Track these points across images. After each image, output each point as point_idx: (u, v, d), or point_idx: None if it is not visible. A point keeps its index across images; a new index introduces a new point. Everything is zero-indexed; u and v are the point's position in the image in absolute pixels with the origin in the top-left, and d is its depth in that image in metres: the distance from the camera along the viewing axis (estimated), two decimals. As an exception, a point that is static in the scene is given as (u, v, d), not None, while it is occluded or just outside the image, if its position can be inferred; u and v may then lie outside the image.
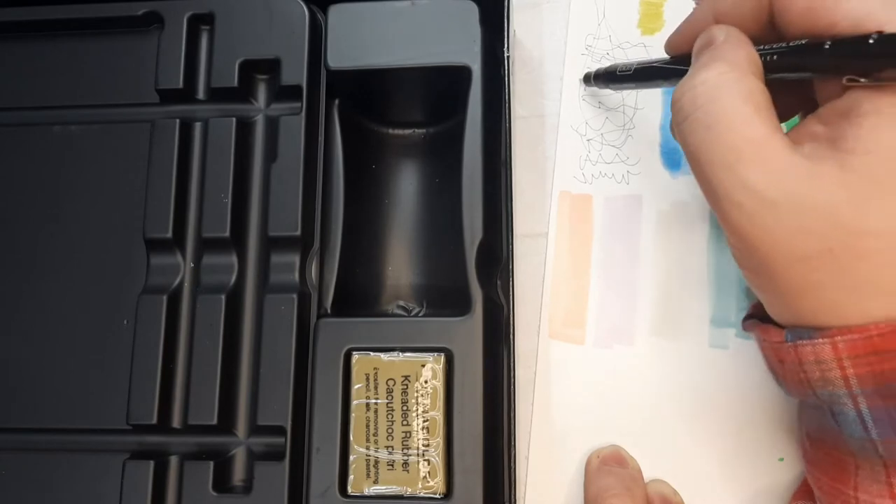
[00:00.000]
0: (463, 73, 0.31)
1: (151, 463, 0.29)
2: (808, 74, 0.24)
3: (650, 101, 0.35)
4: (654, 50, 0.35)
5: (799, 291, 0.23)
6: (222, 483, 0.29)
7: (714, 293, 0.33)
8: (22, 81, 0.34)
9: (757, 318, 0.27)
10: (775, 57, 0.24)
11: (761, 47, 0.24)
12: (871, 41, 0.21)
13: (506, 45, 0.31)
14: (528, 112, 0.35)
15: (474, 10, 0.31)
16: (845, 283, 0.22)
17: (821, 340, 0.23)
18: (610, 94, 0.35)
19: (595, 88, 0.34)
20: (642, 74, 0.30)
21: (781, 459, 0.31)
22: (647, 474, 0.31)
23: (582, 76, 0.35)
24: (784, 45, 0.24)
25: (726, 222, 0.24)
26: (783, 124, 0.24)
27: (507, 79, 0.31)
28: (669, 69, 0.28)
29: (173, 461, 0.29)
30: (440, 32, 0.31)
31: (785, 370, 0.25)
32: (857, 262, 0.22)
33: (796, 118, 0.28)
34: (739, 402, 0.31)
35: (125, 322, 0.31)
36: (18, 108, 0.34)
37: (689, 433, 0.32)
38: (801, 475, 0.31)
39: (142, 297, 0.31)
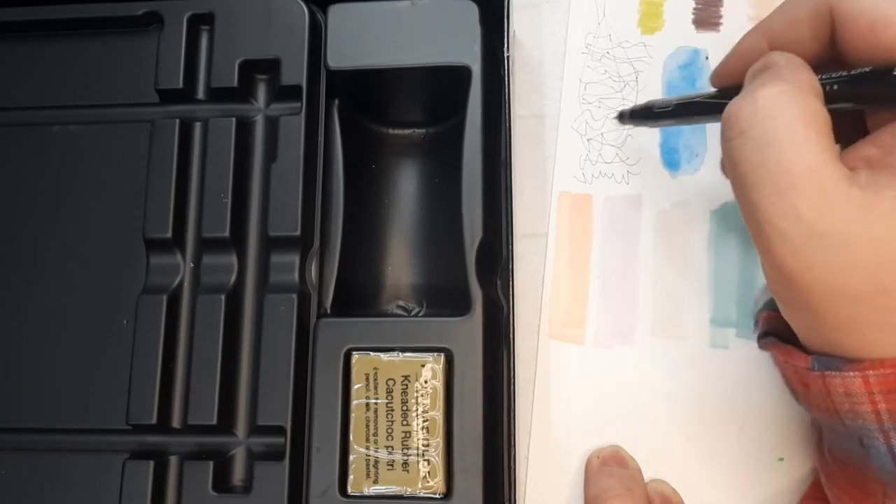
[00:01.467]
0: (463, 73, 0.31)
1: (151, 463, 0.29)
2: (870, 105, 0.23)
3: (650, 101, 0.35)
4: (654, 49, 0.35)
5: (842, 328, 0.22)
6: (222, 483, 0.29)
7: (714, 293, 0.33)
8: (22, 81, 0.34)
9: (774, 335, 0.26)
10: (836, 87, 0.22)
11: (820, 77, 0.23)
12: None
13: (506, 45, 0.31)
14: (528, 112, 0.35)
15: (474, 10, 0.31)
16: (892, 322, 0.21)
17: (851, 374, 0.21)
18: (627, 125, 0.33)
19: (631, 126, 0.33)
20: (684, 110, 0.28)
21: (781, 459, 0.31)
22: (647, 474, 0.31)
23: (616, 115, 0.33)
24: (844, 73, 0.22)
25: (767, 252, 0.22)
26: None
27: (507, 79, 0.31)
28: (715, 104, 0.25)
29: (173, 461, 0.29)
30: (440, 32, 0.31)
31: (809, 395, 0.24)
32: None
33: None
34: (739, 402, 0.31)
35: (125, 322, 0.31)
36: (18, 108, 0.34)
37: (689, 433, 0.31)
38: (802, 476, 0.31)
39: (142, 297, 0.31)
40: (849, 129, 0.25)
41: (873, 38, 0.22)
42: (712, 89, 0.28)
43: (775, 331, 0.26)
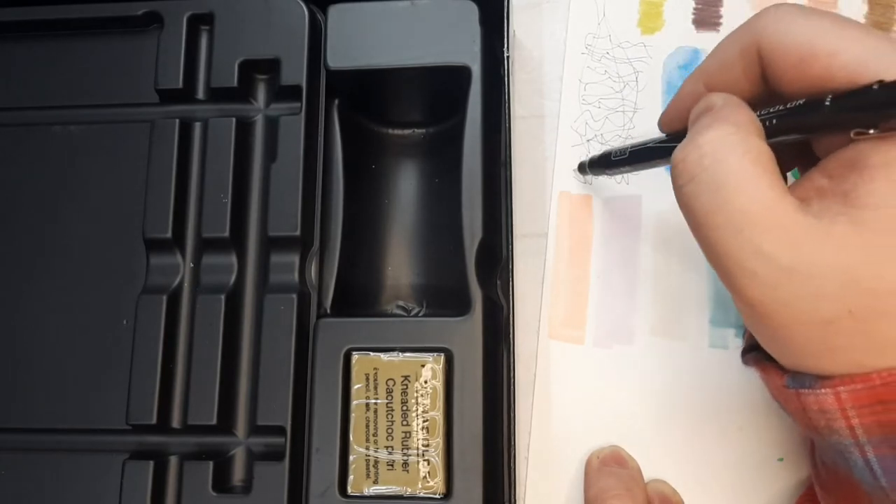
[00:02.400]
0: (463, 73, 0.31)
1: (151, 463, 0.29)
2: (809, 135, 0.23)
3: (650, 102, 0.35)
4: (654, 49, 0.35)
5: (816, 353, 0.22)
6: (222, 483, 0.29)
7: (714, 293, 0.33)
8: (22, 81, 0.34)
9: (757, 350, 0.26)
10: (775, 121, 0.23)
11: (759, 113, 0.23)
12: (874, 88, 0.20)
13: (506, 45, 0.31)
14: (528, 112, 0.35)
15: (474, 10, 0.31)
16: (867, 345, 0.21)
17: (823, 391, 0.22)
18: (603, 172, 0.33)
19: (591, 176, 0.33)
20: (639, 156, 0.28)
21: (781, 459, 0.31)
22: (647, 474, 0.31)
23: (576, 167, 0.34)
24: (781, 107, 0.23)
25: (736, 291, 0.22)
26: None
27: (506, 79, 0.31)
28: (667, 147, 0.26)
29: (173, 461, 0.29)
30: (440, 32, 0.31)
31: (790, 410, 0.24)
32: (879, 321, 0.21)
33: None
34: (739, 402, 0.31)
35: (125, 322, 0.31)
36: (18, 108, 0.34)
37: (689, 433, 0.31)
38: (801, 477, 0.31)
39: (141, 297, 0.31)
40: (792, 159, 0.25)
41: (803, 71, 0.22)
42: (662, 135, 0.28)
43: (757, 345, 0.26)
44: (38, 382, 0.31)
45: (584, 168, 0.33)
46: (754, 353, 0.26)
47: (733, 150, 0.22)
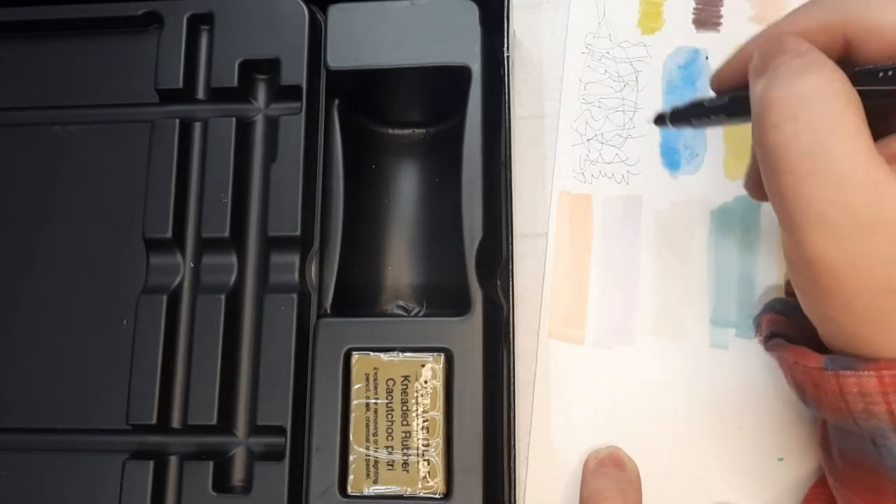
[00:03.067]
0: (463, 73, 0.31)
1: (151, 463, 0.29)
2: None
3: (650, 102, 0.35)
4: (654, 49, 0.35)
5: (873, 324, 0.22)
6: (222, 483, 0.29)
7: (714, 293, 0.33)
8: (22, 81, 0.34)
9: (782, 336, 0.25)
10: (882, 76, 0.22)
11: (858, 70, 0.22)
12: None
13: (506, 45, 0.31)
14: (528, 112, 0.35)
15: (474, 10, 0.31)
16: None
17: (866, 373, 0.21)
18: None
19: (669, 129, 0.31)
20: (737, 106, 0.26)
21: (781, 459, 0.31)
22: (646, 474, 0.31)
23: (653, 118, 0.30)
24: (889, 68, 0.22)
25: (805, 243, 0.22)
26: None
27: (506, 79, 0.31)
28: None
29: (173, 461, 0.29)
30: (440, 32, 0.31)
31: (820, 395, 0.23)
32: None
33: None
34: (739, 402, 0.31)
35: (125, 322, 0.31)
36: (18, 108, 0.34)
37: (689, 433, 0.31)
38: (801, 476, 0.31)
39: (141, 297, 0.31)
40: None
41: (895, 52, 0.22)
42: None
43: (781, 332, 0.26)
44: (38, 382, 0.31)
45: (663, 119, 0.29)
46: (779, 339, 0.25)
47: (838, 97, 0.21)
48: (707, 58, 0.35)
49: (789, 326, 0.25)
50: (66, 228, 0.32)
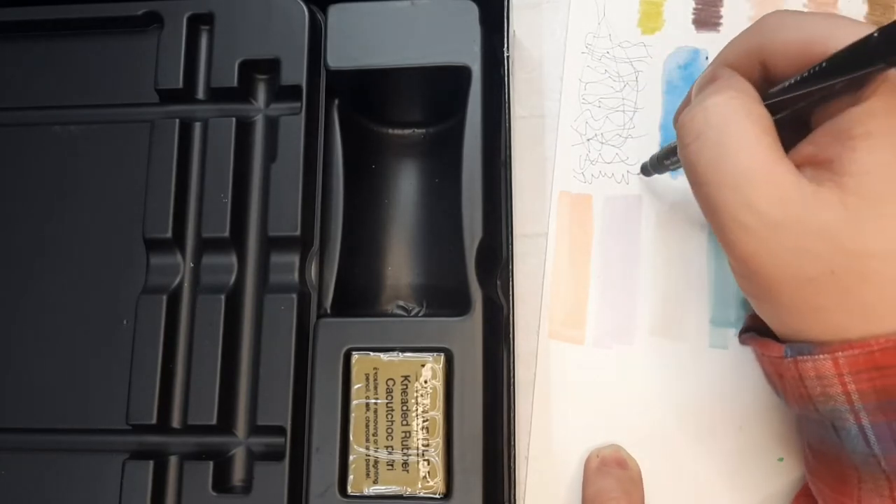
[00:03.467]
0: (463, 73, 0.31)
1: (151, 463, 0.29)
2: (808, 101, 0.24)
3: (650, 101, 0.35)
4: (654, 49, 0.35)
5: (802, 313, 0.23)
6: (222, 483, 0.29)
7: (714, 293, 0.33)
8: (22, 81, 0.34)
9: (754, 330, 0.27)
10: (782, 93, 0.24)
11: (767, 93, 0.25)
12: (874, 35, 0.21)
13: (506, 45, 0.31)
14: (528, 112, 0.35)
15: (474, 10, 0.31)
16: (848, 305, 0.22)
17: (821, 356, 0.23)
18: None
19: (653, 176, 0.33)
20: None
21: (781, 459, 0.31)
22: (647, 474, 0.31)
23: (639, 169, 0.33)
24: (789, 81, 0.24)
25: (730, 245, 0.24)
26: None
27: (506, 79, 0.31)
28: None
29: (173, 461, 0.29)
30: (440, 32, 0.31)
31: (785, 384, 0.25)
32: (859, 283, 0.22)
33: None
34: (739, 402, 0.31)
35: (125, 322, 0.31)
36: (18, 108, 0.34)
37: (689, 433, 0.31)
38: (801, 476, 0.31)
39: (141, 297, 0.31)
40: (787, 138, 0.27)
41: (803, 60, 0.23)
42: None
43: (755, 327, 0.27)
44: (38, 382, 0.31)
45: (646, 169, 0.33)
46: (751, 332, 0.27)
47: (736, 112, 0.24)
48: (707, 58, 0.35)
49: (762, 322, 0.26)
50: (67, 228, 0.32)
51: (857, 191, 0.22)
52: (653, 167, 0.33)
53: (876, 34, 0.21)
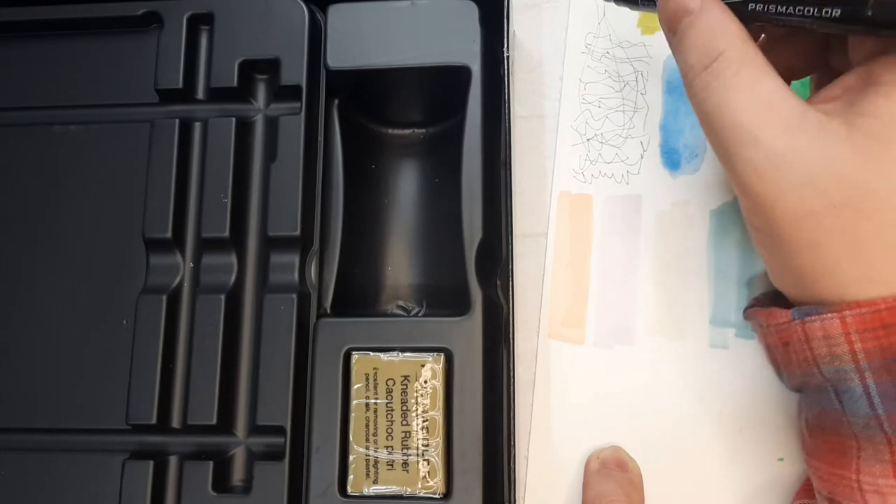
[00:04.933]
0: (463, 73, 0.31)
1: (151, 463, 0.29)
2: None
3: (650, 101, 0.35)
4: (654, 49, 0.35)
5: (801, 249, 0.24)
6: (222, 483, 0.29)
7: (714, 293, 0.32)
8: (22, 81, 0.34)
9: (759, 306, 0.27)
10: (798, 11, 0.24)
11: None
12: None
13: (506, 45, 0.31)
14: (528, 112, 0.35)
15: (474, 10, 0.31)
16: (846, 242, 0.23)
17: (829, 315, 0.23)
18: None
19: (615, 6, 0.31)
20: None
21: (781, 459, 0.31)
22: (647, 474, 0.31)
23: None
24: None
25: (735, 177, 0.24)
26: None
27: (506, 79, 0.31)
28: None
29: (173, 461, 0.29)
30: (440, 32, 0.31)
31: (789, 352, 0.25)
32: (858, 219, 0.23)
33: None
34: (739, 402, 0.31)
35: (125, 322, 0.31)
36: (18, 108, 0.34)
37: (689, 433, 0.31)
38: (801, 475, 0.31)
39: (141, 297, 0.31)
40: (809, 61, 0.28)
41: None
42: None
43: (759, 302, 0.28)
44: (38, 382, 0.31)
45: None
46: (755, 307, 0.27)
47: (734, 58, 0.24)
48: (707, 58, 0.34)
49: (764, 301, 0.27)
50: (66, 228, 0.32)
51: (868, 131, 0.22)
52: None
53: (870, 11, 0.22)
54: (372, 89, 0.33)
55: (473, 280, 0.29)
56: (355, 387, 0.29)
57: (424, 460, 0.28)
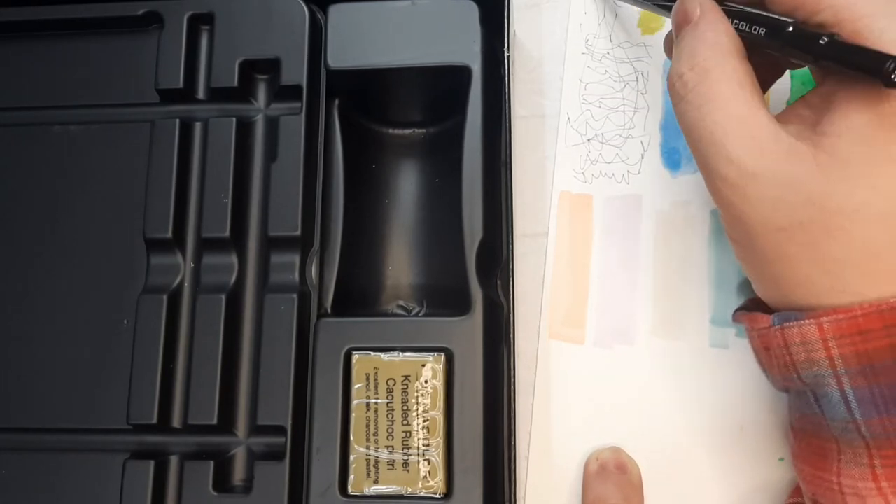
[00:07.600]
0: (463, 73, 0.31)
1: (151, 463, 0.29)
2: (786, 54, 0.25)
3: (651, 101, 0.35)
4: (655, 49, 0.35)
5: (775, 261, 0.24)
6: (222, 483, 0.29)
7: (714, 293, 0.33)
8: (22, 81, 0.34)
9: (746, 309, 0.28)
10: (754, 30, 0.25)
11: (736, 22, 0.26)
12: (822, 41, 0.23)
13: (506, 45, 0.31)
14: (528, 112, 0.35)
15: (474, 10, 0.31)
16: (815, 258, 0.23)
17: (807, 321, 0.24)
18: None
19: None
20: None
21: (781, 459, 0.31)
22: (646, 473, 0.31)
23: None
24: (755, 11, 0.25)
25: (715, 195, 0.25)
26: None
27: (507, 79, 0.31)
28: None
29: (173, 461, 0.29)
30: (440, 32, 0.31)
31: (771, 357, 0.26)
32: (826, 238, 0.23)
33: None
34: (739, 402, 0.31)
35: (125, 322, 0.31)
36: (18, 108, 0.34)
37: (689, 433, 0.31)
38: (801, 475, 0.31)
39: (142, 297, 0.31)
40: (774, 70, 0.29)
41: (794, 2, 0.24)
42: None
43: (747, 306, 0.28)
44: (39, 382, 0.31)
45: None
46: (742, 310, 0.28)
47: (712, 72, 0.25)
48: (707, 58, 0.34)
49: (750, 305, 0.28)
50: (67, 228, 0.32)
51: (831, 150, 0.23)
52: None
53: (824, 41, 0.23)
54: (372, 89, 0.33)
55: (474, 280, 0.30)
56: (356, 387, 0.29)
57: (425, 460, 0.28)
